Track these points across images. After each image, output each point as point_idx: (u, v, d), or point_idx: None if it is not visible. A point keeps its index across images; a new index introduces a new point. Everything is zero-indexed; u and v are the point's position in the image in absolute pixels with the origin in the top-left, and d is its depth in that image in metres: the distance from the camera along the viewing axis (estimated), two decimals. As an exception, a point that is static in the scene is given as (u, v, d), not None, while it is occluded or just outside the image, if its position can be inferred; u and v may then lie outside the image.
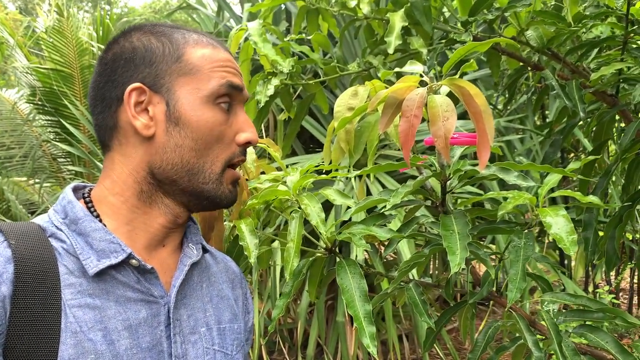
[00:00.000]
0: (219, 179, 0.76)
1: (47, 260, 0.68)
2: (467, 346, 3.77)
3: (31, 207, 4.90)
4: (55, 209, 0.74)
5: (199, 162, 0.74)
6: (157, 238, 0.77)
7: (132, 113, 0.73)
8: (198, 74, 0.74)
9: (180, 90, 0.73)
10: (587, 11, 1.44)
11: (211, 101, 0.75)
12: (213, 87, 0.74)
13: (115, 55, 0.76)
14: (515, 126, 3.34)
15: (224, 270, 0.88)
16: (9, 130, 5.43)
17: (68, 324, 0.66)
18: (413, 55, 1.51)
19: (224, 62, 0.77)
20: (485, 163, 0.83)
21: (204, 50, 0.76)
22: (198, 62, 0.75)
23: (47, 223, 0.73)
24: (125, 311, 0.70)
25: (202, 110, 0.74)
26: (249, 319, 0.91)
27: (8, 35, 4.83)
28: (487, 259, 1.01)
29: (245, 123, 0.78)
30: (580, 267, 3.63)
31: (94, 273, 0.69)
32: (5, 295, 0.63)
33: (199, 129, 0.73)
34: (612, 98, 1.53)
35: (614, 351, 1.03)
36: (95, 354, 0.66)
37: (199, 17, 4.21)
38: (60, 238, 0.71)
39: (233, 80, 0.77)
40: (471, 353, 1.09)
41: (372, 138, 1.08)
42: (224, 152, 0.76)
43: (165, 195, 0.76)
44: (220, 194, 0.77)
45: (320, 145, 3.42)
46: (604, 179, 1.45)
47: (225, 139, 0.76)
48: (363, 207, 1.04)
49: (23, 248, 0.67)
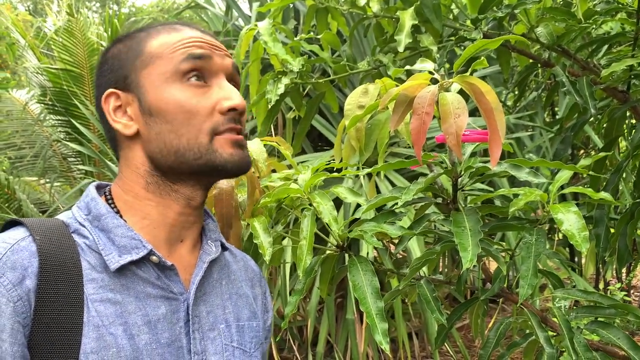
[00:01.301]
0: (209, 149, 0.74)
1: (70, 255, 0.69)
2: (477, 344, 3.77)
3: (42, 207, 4.94)
4: (79, 206, 0.76)
5: (181, 142, 0.74)
6: (176, 230, 0.77)
7: (112, 118, 0.77)
8: (160, 60, 0.76)
9: (146, 82, 0.76)
10: (598, 7, 1.44)
11: (177, 80, 0.75)
12: (174, 65, 0.75)
13: (96, 72, 0.83)
14: (525, 123, 3.33)
15: (243, 269, 0.89)
16: (20, 131, 5.48)
17: (90, 318, 0.68)
18: (423, 53, 1.52)
19: (186, 39, 0.77)
20: (497, 160, 0.83)
21: (164, 37, 0.78)
22: (158, 49, 0.77)
23: (71, 219, 0.74)
24: (144, 307, 0.71)
25: (168, 92, 0.75)
26: (268, 317, 0.91)
27: (19, 35, 4.87)
28: (498, 255, 1.01)
29: (226, 90, 0.76)
30: (591, 265, 3.61)
31: (115, 268, 0.71)
32: (30, 289, 0.65)
33: (169, 110, 0.75)
34: (623, 94, 1.53)
35: (626, 347, 1.03)
36: (116, 347, 0.68)
37: (207, 16, 4.23)
38: (83, 234, 0.73)
39: (194, 51, 0.76)
40: (482, 349, 1.10)
41: (383, 136, 1.08)
42: (205, 123, 0.74)
43: (173, 182, 0.76)
44: (220, 162, 0.74)
45: (329, 144, 3.42)
46: (615, 176, 1.45)
47: (202, 110, 0.74)
48: (375, 204, 1.05)
49: (47, 243, 0.69)
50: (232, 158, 0.75)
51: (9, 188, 4.44)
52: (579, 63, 1.52)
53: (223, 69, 0.78)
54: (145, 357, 0.69)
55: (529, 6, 1.37)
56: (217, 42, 0.80)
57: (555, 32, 1.44)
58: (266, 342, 0.90)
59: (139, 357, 0.69)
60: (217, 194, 0.99)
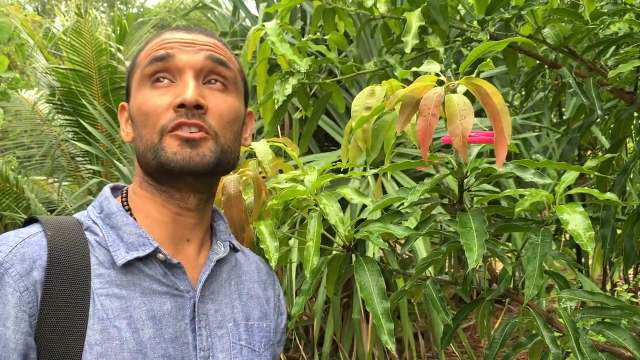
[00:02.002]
0: (159, 148, 0.74)
1: (80, 251, 0.72)
2: (483, 344, 3.76)
3: (50, 206, 4.97)
4: (94, 205, 0.80)
5: (143, 143, 0.76)
6: (177, 230, 0.79)
7: (122, 127, 0.83)
8: (138, 68, 0.79)
9: (133, 91, 0.80)
10: (605, 8, 1.43)
11: (144, 84, 0.77)
12: (141, 70, 0.78)
13: None
14: (531, 123, 3.32)
15: (256, 270, 0.90)
16: (29, 130, 5.52)
17: (95, 311, 0.70)
18: (429, 54, 1.52)
19: (157, 43, 0.78)
20: (503, 161, 0.84)
21: (148, 45, 0.80)
22: (141, 58, 0.80)
23: (85, 217, 0.78)
24: (150, 302, 0.73)
25: (136, 97, 0.78)
26: (282, 320, 0.92)
27: (28, 36, 4.90)
28: (504, 256, 1.02)
29: (182, 87, 0.75)
30: (598, 266, 3.60)
31: (121, 264, 0.73)
32: (36, 281, 0.68)
33: (135, 115, 0.78)
34: (630, 95, 1.52)
35: (632, 348, 1.03)
36: (119, 340, 0.70)
37: (215, 16, 4.24)
38: (95, 231, 0.76)
39: (156, 54, 0.76)
40: (488, 350, 1.10)
41: (389, 137, 1.09)
42: (158, 122, 0.75)
43: (157, 183, 0.78)
44: (164, 160, 0.73)
45: (335, 144, 3.42)
46: (622, 177, 1.44)
47: (157, 110, 0.75)
48: (381, 205, 1.06)
49: (58, 239, 0.71)
50: (175, 157, 0.73)
51: (18, 187, 4.48)
52: (585, 64, 1.51)
53: (190, 65, 0.76)
54: (149, 351, 0.71)
55: (536, 7, 1.37)
56: (196, 38, 0.79)
57: (562, 33, 1.44)
58: (279, 345, 0.91)
59: (142, 351, 0.70)
60: (226, 200, 0.99)
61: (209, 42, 0.79)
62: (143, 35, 5.28)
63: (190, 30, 0.81)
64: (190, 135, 0.74)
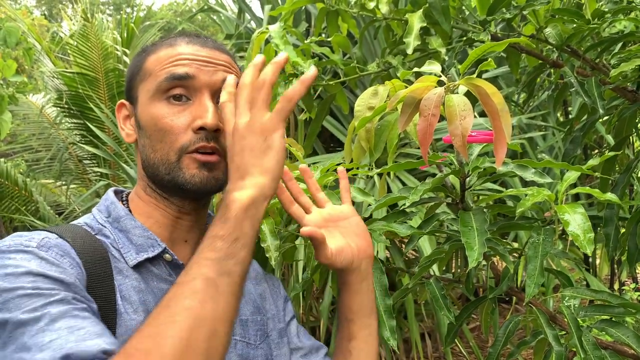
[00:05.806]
0: (176, 167, 0.77)
1: (99, 250, 0.75)
2: (490, 344, 3.75)
3: (58, 209, 5.01)
4: (99, 209, 0.83)
5: (156, 156, 0.79)
6: (177, 231, 0.83)
7: (120, 125, 0.85)
8: (150, 77, 0.80)
9: (141, 97, 0.81)
10: (606, 7, 1.44)
11: (159, 98, 0.79)
12: (157, 83, 0.79)
13: None
14: (537, 123, 3.31)
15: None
16: (37, 134, 5.57)
17: (117, 306, 0.72)
18: (432, 55, 1.53)
19: (174, 57, 0.80)
20: (502, 160, 0.85)
21: (159, 53, 0.82)
22: (151, 65, 0.81)
23: (93, 221, 0.81)
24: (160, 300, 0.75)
25: (150, 109, 0.79)
26: (286, 301, 0.96)
27: (35, 40, 4.94)
28: (506, 254, 1.02)
29: (201, 109, 0.78)
30: (605, 265, 3.59)
31: (133, 265, 0.76)
32: (79, 262, 0.70)
33: (148, 126, 0.79)
34: (633, 94, 1.52)
35: (635, 346, 1.03)
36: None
37: (220, 19, 4.26)
38: (106, 234, 0.79)
39: (175, 71, 0.78)
40: (492, 347, 1.11)
41: (392, 137, 1.10)
42: (177, 141, 0.77)
43: (161, 190, 0.81)
44: (181, 181, 0.77)
45: (340, 144, 3.43)
46: (625, 176, 1.45)
47: (176, 129, 0.77)
48: (383, 204, 1.07)
49: (78, 242, 0.74)
50: (193, 179, 0.77)
51: (26, 190, 4.52)
52: (588, 63, 1.52)
53: (209, 85, 0.79)
54: None
55: (538, 7, 1.38)
56: (212, 55, 0.81)
57: (564, 32, 1.45)
58: (293, 320, 0.95)
59: None
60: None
61: (224, 60, 0.83)
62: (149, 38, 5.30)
63: (203, 42, 0.83)
64: (208, 159, 0.78)
